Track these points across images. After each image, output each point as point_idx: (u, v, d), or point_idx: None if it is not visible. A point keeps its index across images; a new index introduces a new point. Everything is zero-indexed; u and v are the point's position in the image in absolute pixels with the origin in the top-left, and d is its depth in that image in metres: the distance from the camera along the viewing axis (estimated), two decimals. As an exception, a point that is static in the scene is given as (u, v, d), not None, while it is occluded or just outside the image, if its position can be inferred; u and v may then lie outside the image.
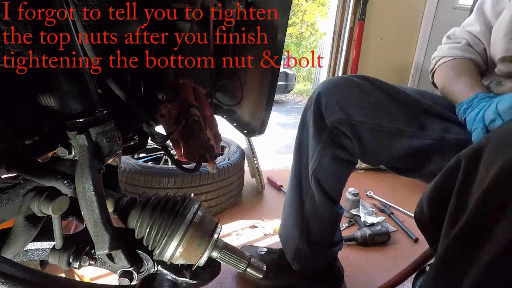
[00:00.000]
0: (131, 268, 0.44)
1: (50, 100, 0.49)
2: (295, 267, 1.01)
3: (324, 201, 0.93)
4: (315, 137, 0.90)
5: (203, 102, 0.80)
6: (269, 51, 0.85)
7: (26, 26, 0.41)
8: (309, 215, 0.95)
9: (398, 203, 1.76)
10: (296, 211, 0.98)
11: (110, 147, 0.45)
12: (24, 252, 0.47)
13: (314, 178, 0.91)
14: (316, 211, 0.94)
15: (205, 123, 0.75)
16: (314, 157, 0.90)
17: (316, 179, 0.91)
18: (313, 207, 0.94)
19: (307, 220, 0.96)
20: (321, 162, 0.89)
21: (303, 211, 0.96)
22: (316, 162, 0.90)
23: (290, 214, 1.01)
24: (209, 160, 0.72)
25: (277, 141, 3.34)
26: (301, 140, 0.96)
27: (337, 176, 0.92)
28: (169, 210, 0.44)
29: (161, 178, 1.33)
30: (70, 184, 0.43)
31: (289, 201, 1.02)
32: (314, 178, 0.91)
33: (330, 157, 0.88)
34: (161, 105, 0.70)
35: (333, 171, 0.90)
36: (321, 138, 0.88)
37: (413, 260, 0.95)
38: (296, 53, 12.18)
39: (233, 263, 0.45)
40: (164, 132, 0.70)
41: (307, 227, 0.96)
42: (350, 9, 2.22)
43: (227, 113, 1.09)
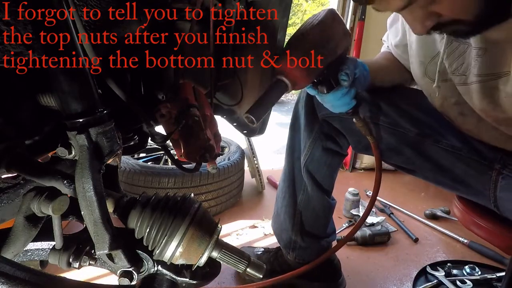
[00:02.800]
0: (131, 268, 0.44)
1: (50, 100, 0.49)
2: (290, 257, 1.03)
3: (316, 192, 0.95)
4: (306, 129, 0.92)
5: (203, 102, 0.80)
6: (269, 51, 0.85)
7: (26, 26, 0.41)
8: (302, 207, 0.97)
9: (398, 203, 1.76)
10: (289, 203, 0.99)
11: (110, 147, 0.45)
12: (24, 252, 0.47)
13: (306, 169, 0.94)
14: (309, 202, 0.96)
15: (205, 123, 0.75)
16: (305, 149, 0.93)
17: (308, 170, 0.94)
18: (306, 199, 0.96)
19: (300, 212, 0.98)
20: (313, 153, 0.92)
21: (296, 203, 0.98)
22: (308, 153, 0.93)
23: (283, 206, 1.02)
24: (209, 160, 0.72)
25: (277, 141, 3.34)
26: (294, 133, 0.98)
27: (328, 168, 0.94)
28: (169, 210, 0.44)
29: (161, 178, 1.33)
30: (70, 184, 0.43)
31: (282, 194, 1.03)
32: (306, 169, 0.94)
33: (321, 149, 0.91)
34: (161, 105, 0.70)
35: (325, 162, 0.93)
36: (312, 131, 0.91)
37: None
38: (296, 53, 12.17)
39: (233, 263, 0.45)
40: (164, 132, 0.70)
41: (300, 218, 0.98)
42: (350, 9, 2.22)
43: (227, 113, 1.09)
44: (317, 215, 0.98)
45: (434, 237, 1.50)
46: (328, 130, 0.90)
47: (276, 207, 1.07)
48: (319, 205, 0.97)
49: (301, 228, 0.98)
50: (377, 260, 1.29)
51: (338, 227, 1.51)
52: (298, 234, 0.99)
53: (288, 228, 1.00)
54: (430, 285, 1.12)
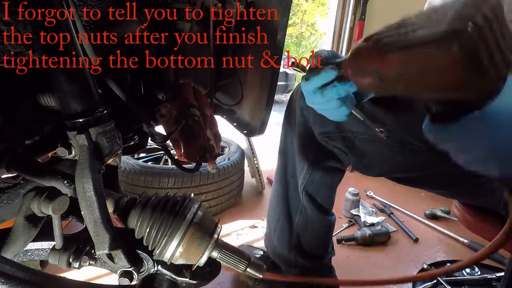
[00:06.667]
0: (131, 268, 0.44)
1: (50, 100, 0.49)
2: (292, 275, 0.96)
3: (317, 215, 0.89)
4: (301, 151, 0.84)
5: (203, 102, 0.80)
6: (269, 51, 0.85)
7: (26, 26, 0.41)
8: (300, 229, 0.91)
9: (398, 203, 1.76)
10: (284, 227, 0.93)
11: (110, 147, 0.45)
12: (24, 252, 0.47)
13: (305, 193, 0.87)
14: (308, 224, 0.90)
15: (205, 123, 0.75)
16: (303, 173, 0.85)
17: (308, 193, 0.87)
18: (305, 221, 0.90)
19: (298, 233, 0.91)
20: (312, 177, 0.84)
21: (293, 226, 0.91)
22: (306, 178, 0.85)
23: (277, 229, 0.95)
24: (209, 160, 0.72)
25: (277, 141, 3.34)
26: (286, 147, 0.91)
27: (329, 187, 0.88)
28: (169, 210, 0.44)
29: (161, 178, 1.33)
30: (70, 184, 0.43)
31: (275, 215, 0.96)
32: (305, 193, 0.87)
33: (321, 170, 0.84)
34: (161, 105, 0.70)
35: (325, 182, 0.86)
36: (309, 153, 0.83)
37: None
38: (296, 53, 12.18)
39: (233, 263, 0.45)
40: (164, 132, 0.70)
41: (298, 241, 0.92)
42: (350, 9, 2.22)
43: (227, 113, 1.09)
44: (317, 236, 0.92)
45: (434, 237, 1.50)
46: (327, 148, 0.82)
47: (269, 228, 1.00)
48: (320, 226, 0.91)
49: (301, 251, 0.92)
50: (377, 260, 1.29)
51: (338, 227, 1.51)
52: (298, 256, 0.93)
53: (285, 251, 0.94)
54: (429, 285, 1.12)
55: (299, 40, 13.01)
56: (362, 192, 1.85)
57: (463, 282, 1.13)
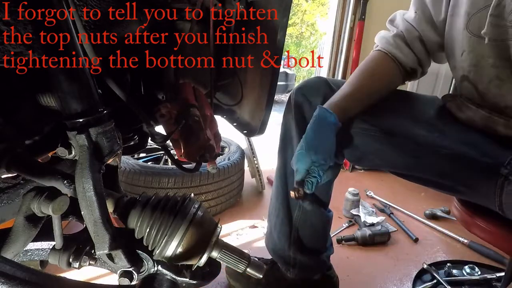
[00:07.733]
0: (131, 268, 0.44)
1: (50, 100, 0.49)
2: (291, 274, 0.98)
3: (315, 209, 0.91)
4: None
5: (203, 102, 0.80)
6: (269, 51, 0.85)
7: (26, 26, 0.41)
8: (298, 224, 0.93)
9: (398, 203, 1.76)
10: (284, 221, 0.95)
11: (110, 147, 0.45)
12: (24, 252, 0.47)
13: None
14: (307, 219, 0.92)
15: (205, 123, 0.75)
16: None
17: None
18: (303, 216, 0.92)
19: (297, 229, 0.93)
20: None
21: (292, 221, 0.93)
22: None
23: (277, 225, 0.97)
24: (209, 160, 0.72)
25: (277, 141, 3.34)
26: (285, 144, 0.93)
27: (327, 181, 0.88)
28: (169, 210, 0.44)
29: (161, 178, 1.33)
30: (70, 184, 0.43)
31: (275, 211, 0.98)
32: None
33: None
34: (161, 105, 0.70)
35: None
36: None
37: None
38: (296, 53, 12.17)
39: (233, 263, 0.45)
40: (164, 132, 0.70)
41: (297, 236, 0.94)
42: (350, 9, 2.22)
43: (227, 113, 1.09)
44: (315, 231, 0.95)
45: (434, 237, 1.50)
46: None
47: (270, 225, 1.02)
48: (317, 220, 0.93)
49: (300, 246, 0.94)
50: (377, 260, 1.29)
51: (338, 227, 1.51)
52: (297, 251, 0.95)
53: (285, 247, 0.96)
54: (429, 285, 1.12)
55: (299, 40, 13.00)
56: (362, 192, 1.85)
57: (463, 282, 1.13)
